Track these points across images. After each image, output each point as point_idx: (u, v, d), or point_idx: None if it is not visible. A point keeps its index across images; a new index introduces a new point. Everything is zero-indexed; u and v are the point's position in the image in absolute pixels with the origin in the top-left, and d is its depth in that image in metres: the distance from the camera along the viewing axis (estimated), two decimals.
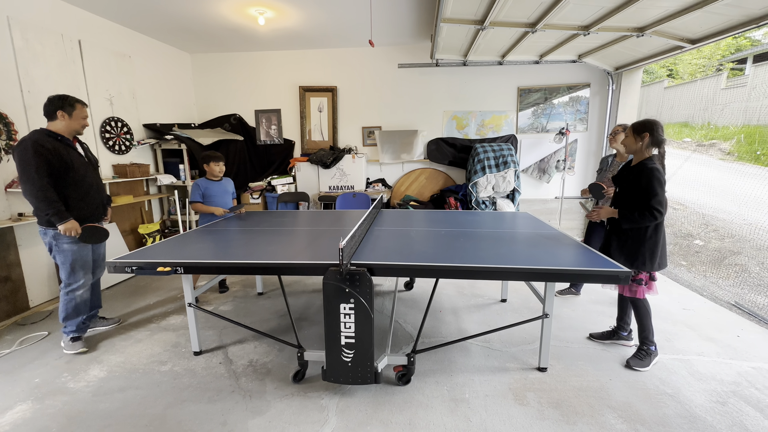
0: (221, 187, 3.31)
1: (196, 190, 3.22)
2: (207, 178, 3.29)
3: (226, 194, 3.36)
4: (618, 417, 1.84)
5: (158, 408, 1.94)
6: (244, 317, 2.97)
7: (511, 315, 2.97)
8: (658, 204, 2.02)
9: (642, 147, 2.14)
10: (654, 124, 2.12)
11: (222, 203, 3.30)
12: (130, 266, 1.97)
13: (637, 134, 2.14)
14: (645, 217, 2.05)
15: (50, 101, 2.31)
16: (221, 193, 3.30)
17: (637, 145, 2.15)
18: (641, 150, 2.15)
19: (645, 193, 2.06)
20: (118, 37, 4.12)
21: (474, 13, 3.24)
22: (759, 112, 7.06)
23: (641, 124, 2.15)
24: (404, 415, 1.86)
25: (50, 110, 2.30)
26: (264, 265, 1.95)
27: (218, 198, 3.27)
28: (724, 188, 5.26)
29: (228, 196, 3.38)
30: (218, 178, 3.31)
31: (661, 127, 2.12)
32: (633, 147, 2.18)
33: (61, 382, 2.17)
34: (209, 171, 3.27)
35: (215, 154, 3.27)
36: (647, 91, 9.89)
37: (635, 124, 2.18)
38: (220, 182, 3.32)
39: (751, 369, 2.23)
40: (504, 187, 4.87)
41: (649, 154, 2.15)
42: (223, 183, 3.35)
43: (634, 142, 2.16)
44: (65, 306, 2.46)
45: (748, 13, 2.79)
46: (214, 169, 3.25)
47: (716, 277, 3.97)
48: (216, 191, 3.26)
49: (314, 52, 5.29)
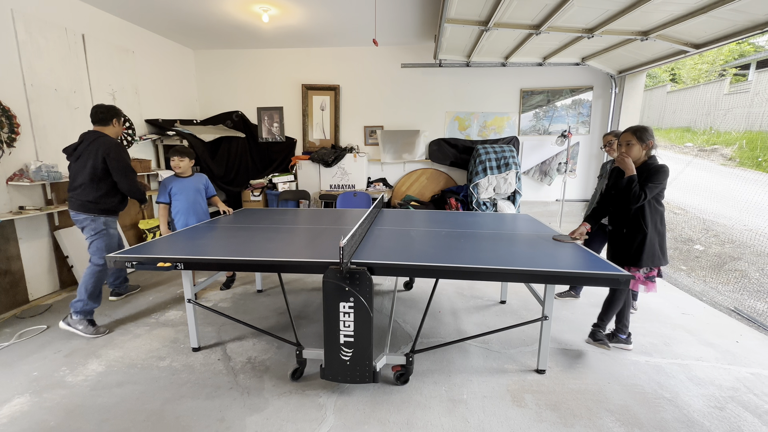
0: (189, 184, 3.07)
1: (162, 190, 3.02)
2: (175, 174, 3.10)
3: (196, 192, 3.09)
4: (616, 420, 1.84)
5: (156, 403, 1.94)
6: (243, 314, 2.97)
7: (510, 317, 2.97)
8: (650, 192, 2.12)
9: (645, 152, 2.24)
10: (650, 130, 2.24)
11: (190, 202, 3.05)
12: (130, 261, 1.97)
13: (643, 141, 2.22)
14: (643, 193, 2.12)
15: (107, 109, 2.67)
16: (187, 190, 3.05)
17: (642, 152, 2.23)
18: (644, 156, 2.24)
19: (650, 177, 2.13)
20: (122, 32, 4.12)
21: (478, 14, 3.24)
22: (761, 118, 7.05)
23: (644, 130, 2.22)
24: (402, 415, 1.86)
25: (106, 117, 2.66)
26: (264, 263, 1.95)
27: (182, 196, 3.03)
28: (725, 194, 5.26)
29: (197, 194, 3.10)
30: (184, 174, 3.08)
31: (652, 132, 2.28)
32: (639, 154, 2.24)
33: (60, 375, 2.17)
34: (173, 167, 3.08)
35: (176, 149, 3.07)
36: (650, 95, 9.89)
37: (637, 131, 2.22)
38: (188, 179, 3.09)
39: (750, 375, 2.23)
40: (505, 188, 4.87)
41: (649, 156, 2.24)
42: (192, 180, 3.10)
43: (640, 149, 2.23)
44: (95, 283, 2.64)
45: (753, 19, 2.78)
46: (176, 165, 3.03)
47: (716, 283, 3.97)
48: (180, 188, 3.04)
49: (317, 51, 5.28)
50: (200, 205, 3.15)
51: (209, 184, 3.25)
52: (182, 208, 3.06)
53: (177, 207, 3.07)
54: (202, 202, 3.16)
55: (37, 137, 3.19)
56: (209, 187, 3.24)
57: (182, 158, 3.05)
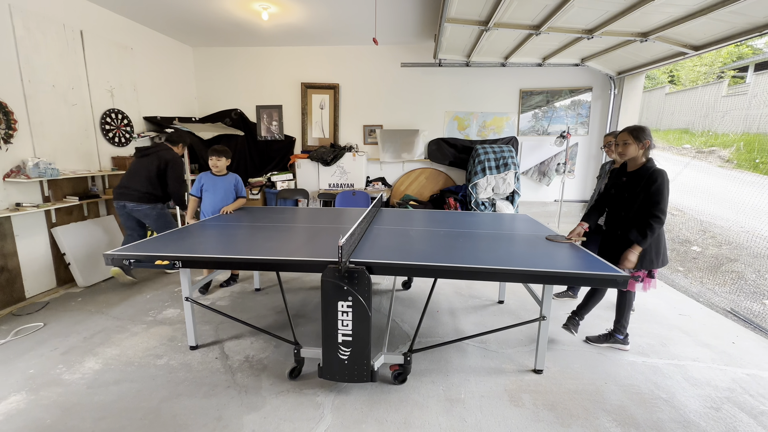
0: (221, 183, 3.26)
1: (196, 183, 3.26)
2: (210, 172, 3.29)
3: (225, 191, 3.27)
4: (612, 420, 1.85)
5: (153, 401, 1.93)
6: (241, 313, 2.97)
7: (508, 317, 2.97)
8: (665, 207, 2.11)
9: (642, 152, 2.23)
10: (647, 130, 2.22)
11: (216, 199, 3.23)
12: (128, 259, 1.96)
13: (639, 141, 2.21)
14: (654, 228, 2.11)
15: (179, 135, 3.53)
16: (217, 188, 3.24)
17: (638, 151, 2.22)
18: (641, 155, 2.23)
19: (653, 196, 2.11)
20: (120, 29, 4.10)
21: (479, 14, 3.24)
22: (759, 121, 7.08)
23: (641, 130, 2.22)
24: (399, 414, 1.86)
25: (177, 140, 3.40)
26: (263, 261, 1.95)
27: (211, 193, 3.22)
28: (722, 195, 5.28)
29: (226, 193, 3.28)
30: (220, 173, 3.28)
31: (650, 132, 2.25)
32: (634, 153, 2.23)
33: (56, 373, 2.16)
34: None
35: (215, 148, 3.25)
36: (648, 97, 9.92)
37: (633, 131, 2.22)
38: (221, 177, 3.28)
39: (746, 376, 2.24)
40: (504, 188, 4.88)
41: (647, 157, 2.24)
42: (225, 179, 3.29)
43: (636, 149, 2.22)
44: None
45: (752, 21, 2.79)
46: (214, 164, 3.24)
47: (713, 284, 3.98)
48: (211, 185, 3.23)
49: (317, 49, 5.27)
50: (227, 203, 3.26)
51: (240, 185, 3.37)
52: (209, 205, 3.23)
53: (205, 203, 3.24)
54: (227, 201, 3.28)
55: (35, 134, 3.17)
56: (239, 187, 3.36)
57: (220, 158, 3.22)
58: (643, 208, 2.16)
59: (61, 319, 2.82)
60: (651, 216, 2.11)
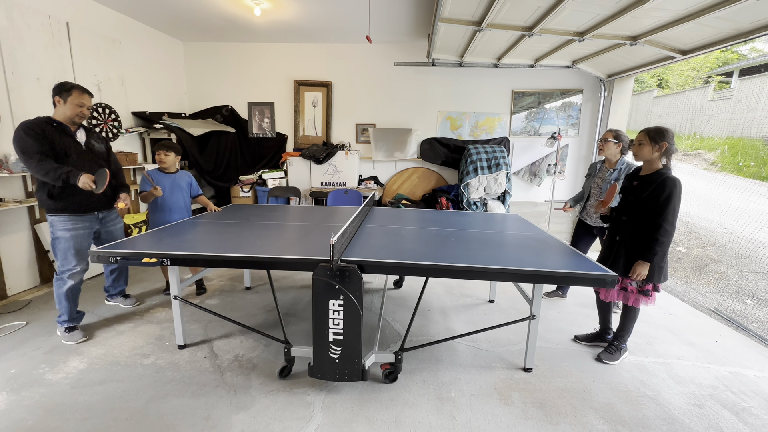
0: (170, 180, 2.96)
1: (145, 182, 2.87)
2: (158, 169, 3.00)
3: (178, 189, 2.99)
4: (600, 418, 1.88)
5: (140, 401, 1.90)
6: (230, 311, 2.93)
7: (499, 315, 3.00)
8: (672, 218, 1.99)
9: (658, 156, 2.08)
10: (670, 132, 2.05)
11: (172, 200, 2.96)
12: (114, 256, 1.92)
13: (655, 143, 2.06)
14: (661, 241, 2.00)
15: (53, 88, 2.33)
16: (170, 187, 2.94)
17: (653, 154, 2.08)
18: (656, 159, 2.09)
19: (663, 204, 1.99)
20: (109, 21, 4.01)
21: (472, 14, 3.25)
22: (742, 125, 7.25)
23: (659, 132, 2.06)
24: (390, 413, 1.86)
25: (52, 96, 2.33)
26: (253, 259, 1.93)
27: (166, 193, 2.91)
28: (707, 197, 5.40)
29: (178, 191, 2.99)
30: (168, 169, 2.98)
31: (674, 136, 2.07)
32: (648, 155, 2.10)
33: (39, 373, 2.11)
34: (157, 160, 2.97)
35: (163, 143, 2.96)
36: (637, 100, 10.09)
37: (651, 131, 2.08)
38: (171, 175, 2.98)
39: (728, 373, 2.29)
40: (495, 188, 4.91)
41: (662, 163, 2.10)
42: (174, 176, 2.99)
43: (651, 150, 2.08)
44: (56, 292, 2.45)
45: (738, 27, 2.85)
46: (161, 159, 2.93)
47: (697, 284, 4.07)
48: (163, 185, 2.90)
49: (310, 46, 5.23)
50: (181, 203, 3.02)
51: (194, 183, 3.14)
52: (160, 203, 2.92)
53: (155, 201, 2.92)
54: (183, 199, 3.04)
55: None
56: (194, 186, 3.14)
57: (168, 153, 2.95)
58: (649, 217, 2.05)
59: (45, 318, 2.75)
60: (656, 227, 2.00)
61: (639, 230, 2.12)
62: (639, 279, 2.11)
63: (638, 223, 2.13)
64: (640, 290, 2.19)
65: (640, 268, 2.08)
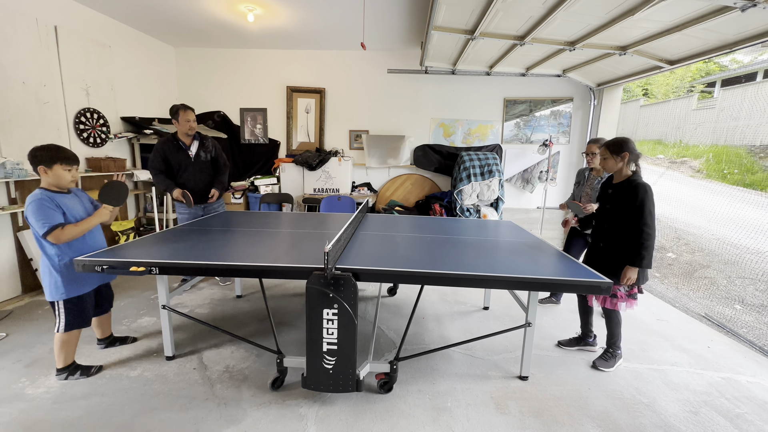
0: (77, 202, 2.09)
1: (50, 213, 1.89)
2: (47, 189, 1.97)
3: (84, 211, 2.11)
4: (597, 426, 1.86)
5: (125, 416, 1.83)
6: (221, 321, 2.87)
7: (494, 323, 2.98)
8: (650, 220, 2.07)
9: (623, 165, 2.21)
10: (629, 142, 2.20)
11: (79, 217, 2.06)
12: (101, 265, 1.86)
13: (617, 155, 2.19)
14: (645, 243, 2.06)
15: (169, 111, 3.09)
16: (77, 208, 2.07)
17: (618, 165, 2.22)
18: (623, 168, 2.22)
19: (638, 210, 2.08)
20: (98, 25, 3.95)
21: (465, 23, 3.28)
22: (726, 133, 7.45)
23: (617, 144, 2.20)
24: (386, 424, 1.82)
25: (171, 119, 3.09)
26: (245, 268, 1.88)
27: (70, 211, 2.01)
28: (694, 204, 5.51)
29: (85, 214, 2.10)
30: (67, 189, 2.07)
31: (633, 143, 2.21)
32: (614, 167, 2.24)
33: (18, 387, 2.02)
34: (54, 178, 1.96)
35: (65, 154, 1.97)
36: (625, 109, 10.31)
37: (611, 146, 2.22)
38: (71, 195, 2.07)
39: (721, 379, 2.31)
40: (488, 195, 4.93)
41: (631, 170, 2.22)
42: (76, 195, 2.12)
43: (614, 162, 2.22)
44: None
45: (723, 38, 2.93)
46: (64, 177, 1.98)
47: (687, 289, 4.12)
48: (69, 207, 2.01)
49: (303, 53, 5.23)
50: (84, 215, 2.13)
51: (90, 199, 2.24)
52: None
53: None
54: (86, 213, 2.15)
55: (2, 132, 3.01)
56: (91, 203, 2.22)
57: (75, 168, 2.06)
58: (629, 222, 2.12)
59: (26, 329, 2.65)
60: (638, 232, 2.08)
61: (621, 236, 2.20)
62: (629, 284, 2.16)
63: (618, 229, 2.21)
64: (629, 295, 2.25)
65: (629, 272, 2.13)
